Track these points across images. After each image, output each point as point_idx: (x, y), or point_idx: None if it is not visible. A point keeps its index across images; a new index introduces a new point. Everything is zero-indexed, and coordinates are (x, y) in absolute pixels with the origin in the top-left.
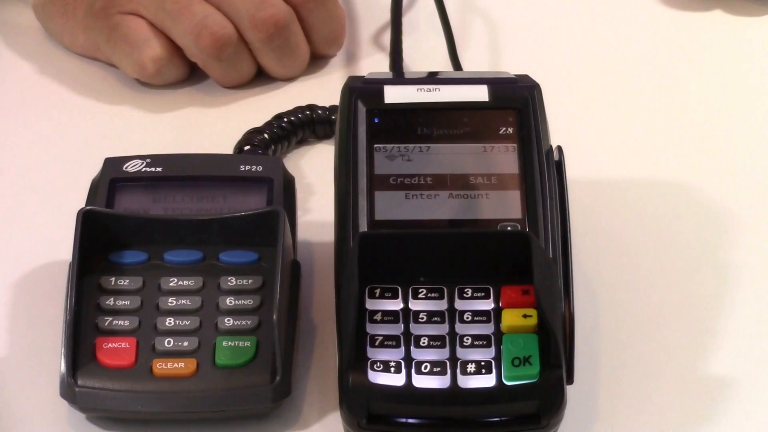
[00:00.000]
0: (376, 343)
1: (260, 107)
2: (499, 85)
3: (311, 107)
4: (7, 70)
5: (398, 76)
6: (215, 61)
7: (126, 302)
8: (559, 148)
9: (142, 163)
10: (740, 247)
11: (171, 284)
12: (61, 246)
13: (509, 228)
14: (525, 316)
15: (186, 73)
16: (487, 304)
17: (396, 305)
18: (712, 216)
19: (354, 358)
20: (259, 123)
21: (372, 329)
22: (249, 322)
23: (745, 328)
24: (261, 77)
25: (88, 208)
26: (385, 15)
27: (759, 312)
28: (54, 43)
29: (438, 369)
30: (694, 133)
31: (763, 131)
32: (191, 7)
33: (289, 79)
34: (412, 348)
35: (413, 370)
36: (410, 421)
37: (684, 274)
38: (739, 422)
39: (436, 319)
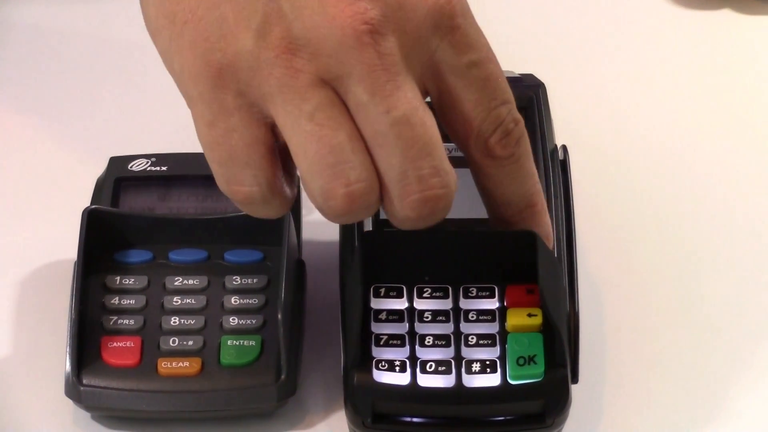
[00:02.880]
0: (381, 343)
1: None
2: None
3: None
4: (9, 69)
5: None
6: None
7: (131, 301)
8: (564, 147)
9: (147, 162)
10: (745, 247)
11: (176, 283)
12: (66, 245)
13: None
14: (530, 315)
15: (284, 210)
16: (492, 304)
17: (401, 304)
18: (718, 215)
19: (359, 357)
20: None
21: (377, 328)
22: (254, 321)
23: (750, 328)
24: None
25: (93, 207)
26: None
27: (765, 311)
28: (55, 43)
29: (443, 368)
30: (700, 132)
31: None
32: (332, 136)
33: None
34: (417, 347)
35: (418, 369)
36: (415, 420)
37: (689, 273)
38: (744, 422)
39: (441, 318)
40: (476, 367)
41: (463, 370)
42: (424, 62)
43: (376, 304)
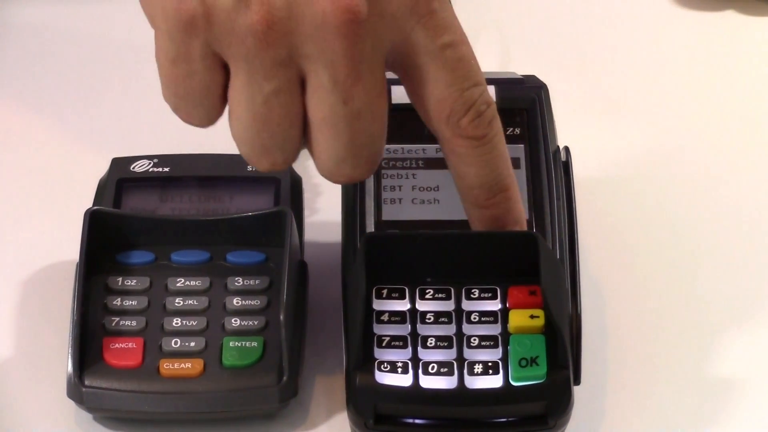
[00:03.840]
0: (383, 344)
1: None
2: (506, 85)
3: None
4: (10, 70)
5: None
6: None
7: (133, 302)
8: (567, 149)
9: (150, 163)
10: (747, 248)
11: (178, 284)
12: (69, 246)
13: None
14: (532, 316)
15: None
16: (494, 305)
17: (403, 306)
18: (720, 217)
19: (361, 358)
20: None
21: (379, 330)
22: (256, 323)
23: (752, 329)
24: None
25: (96, 208)
26: None
27: (766, 312)
28: (56, 44)
29: (445, 369)
30: (704, 134)
31: None
32: (277, 123)
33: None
34: (419, 348)
35: (420, 371)
36: (417, 421)
37: (691, 274)
38: (746, 423)
39: (443, 319)
40: (478, 368)
41: (465, 371)
42: (396, 42)
43: (379, 305)
